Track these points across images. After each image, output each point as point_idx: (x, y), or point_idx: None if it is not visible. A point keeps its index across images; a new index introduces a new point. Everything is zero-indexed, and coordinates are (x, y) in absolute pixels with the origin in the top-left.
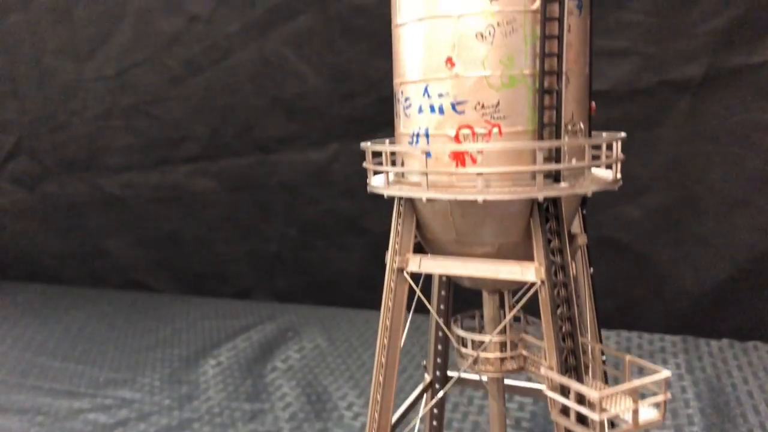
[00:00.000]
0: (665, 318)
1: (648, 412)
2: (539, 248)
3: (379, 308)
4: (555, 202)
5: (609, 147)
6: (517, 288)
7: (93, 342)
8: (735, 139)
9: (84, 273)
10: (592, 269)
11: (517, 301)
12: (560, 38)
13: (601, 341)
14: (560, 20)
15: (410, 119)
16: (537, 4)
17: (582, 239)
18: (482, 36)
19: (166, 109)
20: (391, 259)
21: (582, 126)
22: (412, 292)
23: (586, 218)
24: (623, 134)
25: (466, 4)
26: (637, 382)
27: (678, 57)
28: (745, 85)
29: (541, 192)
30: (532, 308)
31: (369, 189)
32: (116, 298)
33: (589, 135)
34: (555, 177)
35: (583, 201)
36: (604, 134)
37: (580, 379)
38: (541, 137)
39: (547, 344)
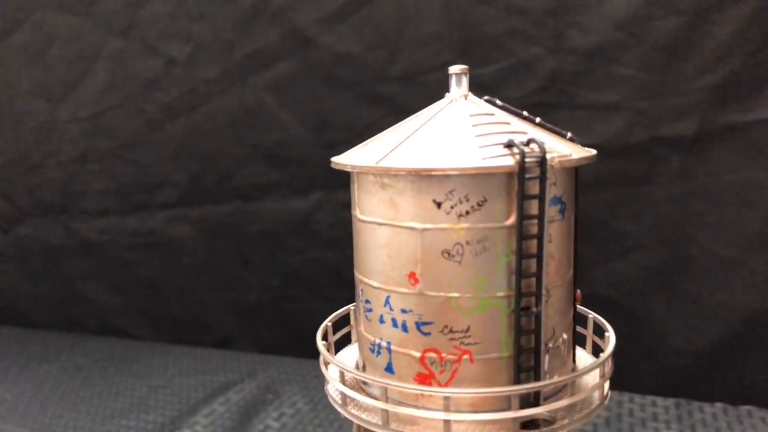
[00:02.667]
0: (658, 379)
1: None
2: None
3: None
4: None
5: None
6: None
7: (64, 406)
8: (728, 197)
9: (60, 318)
10: None
11: None
12: (539, 257)
13: None
14: (539, 237)
15: (372, 325)
16: (512, 220)
17: None
18: (449, 254)
19: (143, 154)
20: None
21: (565, 337)
22: None
23: None
24: (610, 347)
25: (431, 218)
26: None
27: (670, 113)
28: (739, 143)
29: None
30: None
31: (328, 394)
32: (93, 347)
33: (574, 327)
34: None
35: None
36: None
37: None
38: (518, 365)
39: None
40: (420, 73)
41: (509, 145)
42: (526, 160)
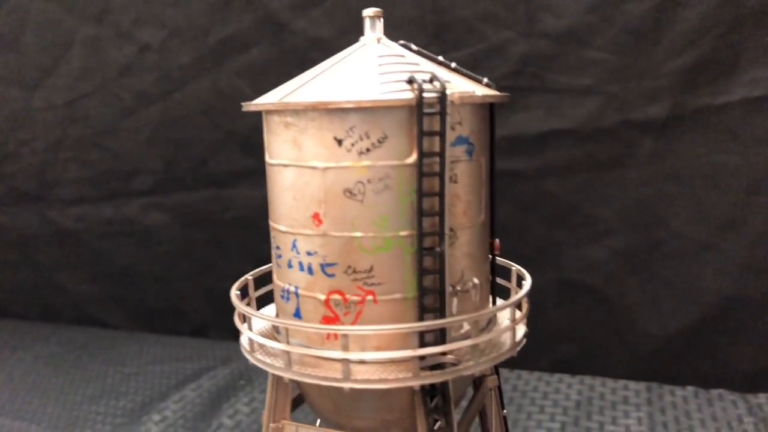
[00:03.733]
0: (629, 363)
1: None
2: (422, 430)
3: None
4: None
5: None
6: None
7: (35, 392)
8: (699, 181)
9: (36, 308)
10: (505, 412)
11: None
12: (442, 195)
13: None
14: (441, 175)
15: (282, 271)
16: (414, 158)
17: (492, 382)
18: (351, 193)
19: (117, 141)
20: (265, 426)
21: (476, 282)
22: None
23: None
24: (524, 290)
25: (332, 156)
26: None
27: (642, 96)
28: (709, 126)
29: (417, 380)
30: None
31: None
32: (68, 337)
33: (493, 275)
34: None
35: None
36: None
37: None
38: (422, 306)
39: None
40: None
41: (410, 81)
42: (425, 95)
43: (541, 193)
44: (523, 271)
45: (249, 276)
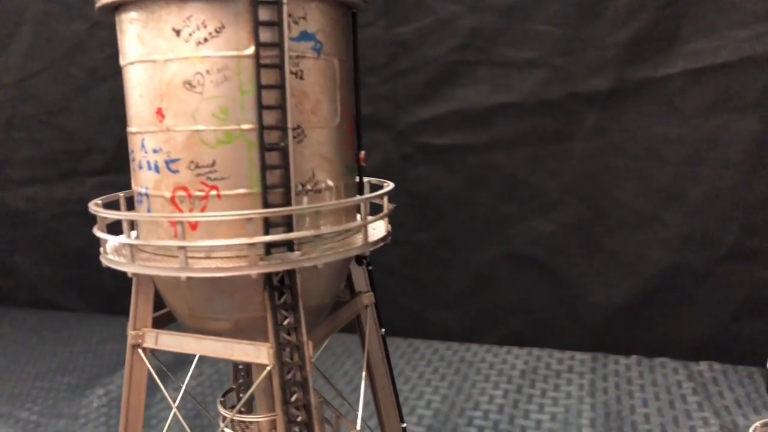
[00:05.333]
0: (577, 334)
1: None
2: (271, 327)
3: None
4: (291, 273)
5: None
6: None
7: None
8: (643, 153)
9: None
10: (383, 330)
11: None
12: (283, 88)
13: (400, 411)
14: (281, 67)
15: (136, 175)
16: (251, 50)
17: (368, 299)
18: (191, 85)
19: (69, 120)
20: (128, 334)
21: (330, 184)
22: None
23: (372, 274)
24: (389, 186)
25: (171, 48)
26: None
27: (586, 69)
28: (651, 99)
29: (255, 268)
30: None
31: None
32: (20, 319)
33: (360, 186)
34: (289, 246)
35: (359, 259)
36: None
37: None
38: (265, 201)
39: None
40: None
41: None
42: None
43: (489, 166)
44: (387, 181)
45: (121, 193)
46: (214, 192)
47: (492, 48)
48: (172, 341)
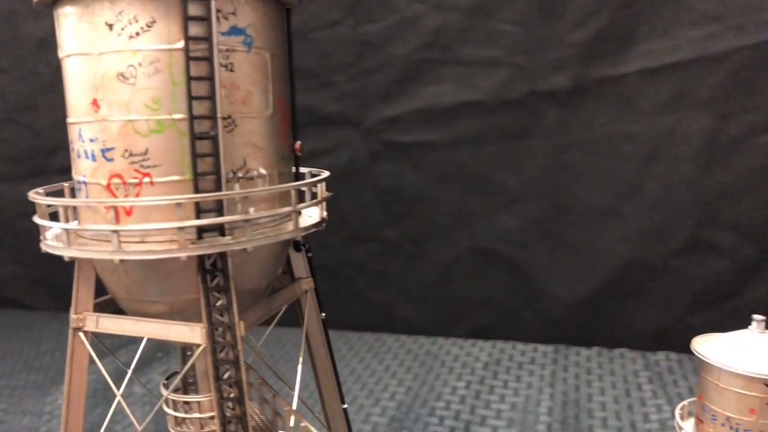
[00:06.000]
0: (540, 327)
1: None
2: (204, 308)
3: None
4: (222, 257)
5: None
6: None
7: None
8: (602, 149)
9: None
10: (323, 314)
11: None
12: (212, 80)
13: (341, 393)
14: (210, 60)
15: (75, 164)
16: (182, 43)
17: (308, 284)
18: (124, 77)
19: (36, 118)
20: (70, 318)
21: (263, 172)
22: None
23: (312, 261)
24: (324, 174)
25: (105, 41)
26: None
27: (547, 68)
28: (610, 97)
29: (185, 251)
30: None
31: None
32: None
33: (296, 173)
34: (220, 231)
35: (297, 245)
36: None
37: None
38: (196, 187)
39: (215, 411)
40: (310, 30)
41: None
42: None
43: (454, 163)
44: (324, 171)
45: (65, 184)
46: (147, 179)
47: (456, 47)
48: (111, 324)
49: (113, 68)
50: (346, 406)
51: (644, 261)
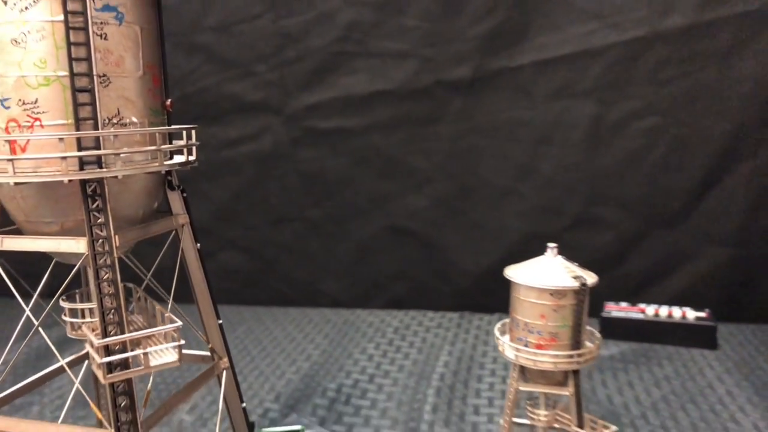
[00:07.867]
0: (450, 297)
1: (165, 357)
2: (86, 224)
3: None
4: (101, 184)
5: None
6: None
7: None
8: (501, 134)
9: None
10: (198, 245)
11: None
12: (88, 45)
13: (216, 311)
14: (85, 29)
15: None
16: (62, 17)
17: (183, 219)
18: (16, 41)
19: None
20: None
21: (134, 120)
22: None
23: (188, 200)
24: (179, 128)
25: (2, 14)
26: (148, 331)
27: (450, 59)
28: (507, 86)
29: (66, 175)
30: None
31: None
32: None
33: (168, 124)
34: (99, 164)
35: (171, 184)
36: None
37: (122, 332)
38: (77, 129)
39: (96, 306)
40: (234, 23)
41: None
42: None
43: (370, 148)
44: (194, 126)
45: None
46: (38, 123)
47: (368, 40)
48: (14, 243)
49: (8, 35)
50: (221, 321)
51: (540, 235)
